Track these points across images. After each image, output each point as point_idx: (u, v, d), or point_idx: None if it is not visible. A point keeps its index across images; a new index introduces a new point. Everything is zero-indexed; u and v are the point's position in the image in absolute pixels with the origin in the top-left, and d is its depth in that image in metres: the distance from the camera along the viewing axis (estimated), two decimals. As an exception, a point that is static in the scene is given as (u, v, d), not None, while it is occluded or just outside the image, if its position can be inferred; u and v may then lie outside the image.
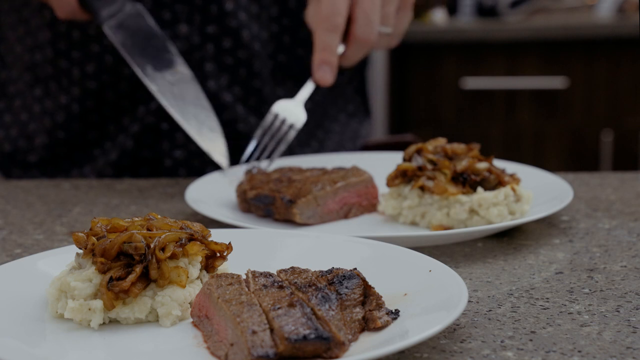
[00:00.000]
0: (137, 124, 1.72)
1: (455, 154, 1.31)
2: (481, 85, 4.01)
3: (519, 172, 1.40)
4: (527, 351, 0.86)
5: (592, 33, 3.92)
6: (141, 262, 0.93)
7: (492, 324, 0.93)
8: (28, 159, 1.79)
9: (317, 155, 1.66)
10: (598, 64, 3.93)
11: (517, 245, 1.21)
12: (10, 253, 1.22)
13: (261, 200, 1.32)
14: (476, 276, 1.09)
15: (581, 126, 3.98)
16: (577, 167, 3.97)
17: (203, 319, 0.90)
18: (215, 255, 0.99)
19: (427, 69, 4.06)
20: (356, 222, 1.34)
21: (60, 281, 0.94)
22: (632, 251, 1.18)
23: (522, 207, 1.28)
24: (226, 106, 1.72)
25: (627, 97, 3.94)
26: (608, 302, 0.99)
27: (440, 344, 0.88)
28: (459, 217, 1.25)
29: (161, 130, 1.72)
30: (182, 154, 1.73)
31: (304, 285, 0.89)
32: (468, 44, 4.00)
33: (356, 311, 0.88)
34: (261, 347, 0.79)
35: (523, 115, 4.00)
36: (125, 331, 0.92)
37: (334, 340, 0.80)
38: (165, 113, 1.68)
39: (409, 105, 4.09)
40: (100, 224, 0.98)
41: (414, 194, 1.29)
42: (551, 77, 3.95)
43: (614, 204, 1.41)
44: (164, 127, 1.71)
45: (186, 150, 1.73)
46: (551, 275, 1.09)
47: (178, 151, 1.73)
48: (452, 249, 1.20)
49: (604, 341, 0.88)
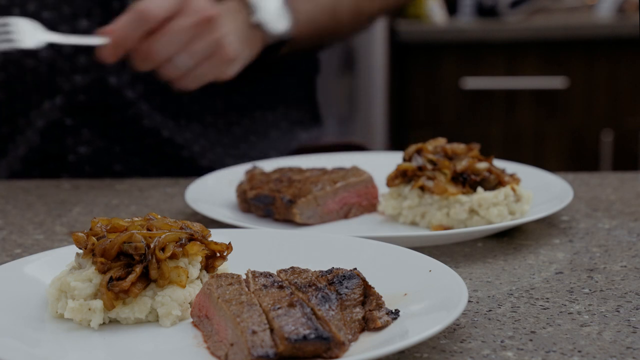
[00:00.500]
0: (42, 119, 1.73)
1: (455, 154, 1.31)
2: (481, 85, 4.01)
3: (519, 172, 1.40)
4: (527, 351, 0.86)
5: (592, 33, 3.92)
6: (141, 262, 0.93)
7: (492, 324, 0.93)
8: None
9: (317, 156, 1.66)
10: (598, 64, 3.93)
11: (517, 245, 1.21)
12: (10, 253, 1.22)
13: (261, 200, 1.32)
14: (476, 276, 1.09)
15: (581, 126, 3.98)
16: (577, 167, 3.97)
17: (203, 319, 0.90)
18: (215, 255, 0.99)
19: (427, 69, 4.05)
20: (356, 222, 1.34)
21: (60, 281, 0.94)
22: (632, 251, 1.18)
23: (522, 207, 1.28)
24: (130, 103, 1.72)
25: (627, 97, 3.94)
26: (608, 302, 0.99)
27: (440, 344, 0.88)
28: (459, 217, 1.25)
29: (66, 126, 1.72)
30: (86, 150, 1.74)
31: (304, 285, 0.89)
32: (468, 44, 4.00)
33: (356, 311, 0.88)
34: (261, 347, 0.79)
35: (523, 115, 4.00)
36: (125, 331, 0.92)
37: (334, 340, 0.80)
38: (70, 108, 1.70)
39: (409, 105, 4.09)
40: (100, 224, 0.98)
41: (414, 194, 1.29)
42: (551, 77, 3.95)
43: (614, 204, 1.41)
44: (68, 122, 1.72)
45: (91, 147, 1.74)
46: (551, 275, 1.09)
47: (82, 147, 1.74)
48: (452, 249, 1.20)
49: (604, 341, 0.88)
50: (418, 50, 4.03)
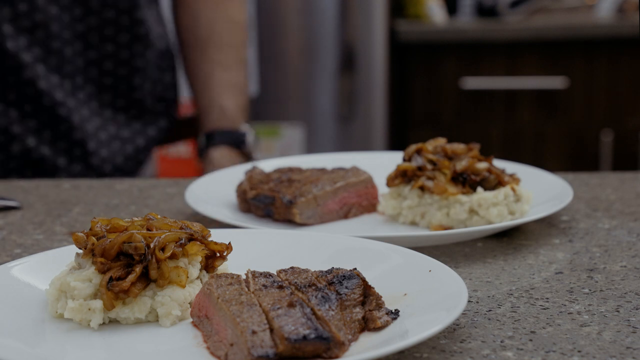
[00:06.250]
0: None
1: (455, 154, 1.31)
2: (481, 85, 4.00)
3: (519, 172, 1.40)
4: (527, 351, 0.86)
5: (592, 33, 3.92)
6: (141, 262, 0.93)
7: (492, 324, 0.93)
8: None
9: (317, 156, 1.66)
10: (598, 64, 3.93)
11: (517, 245, 1.21)
12: (10, 253, 1.22)
13: (261, 200, 1.32)
14: (476, 276, 1.09)
15: (581, 126, 3.98)
16: (577, 167, 3.97)
17: (203, 319, 0.90)
18: (215, 255, 0.99)
19: (427, 69, 4.05)
20: (356, 222, 1.34)
21: (60, 281, 0.94)
22: (632, 251, 1.18)
23: (522, 207, 1.28)
24: (26, 65, 1.78)
25: (627, 97, 3.94)
26: (608, 302, 0.99)
27: (440, 344, 0.88)
28: (459, 217, 1.25)
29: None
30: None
31: (303, 285, 0.89)
32: (468, 44, 4.00)
33: (356, 311, 0.88)
34: (261, 347, 0.79)
35: (523, 115, 4.00)
36: (125, 331, 0.92)
37: (334, 340, 0.80)
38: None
39: (409, 105, 4.09)
40: (100, 224, 0.98)
41: (413, 194, 1.29)
42: (551, 77, 3.95)
43: (614, 204, 1.41)
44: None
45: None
46: (551, 275, 1.09)
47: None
48: (452, 249, 1.20)
49: (604, 341, 0.88)
50: (418, 50, 4.03)
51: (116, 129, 1.93)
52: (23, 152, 1.83)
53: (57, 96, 1.82)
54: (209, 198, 1.39)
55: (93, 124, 1.88)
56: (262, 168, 1.46)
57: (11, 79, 1.79)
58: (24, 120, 1.81)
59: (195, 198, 1.35)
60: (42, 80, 1.80)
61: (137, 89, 1.95)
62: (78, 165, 1.88)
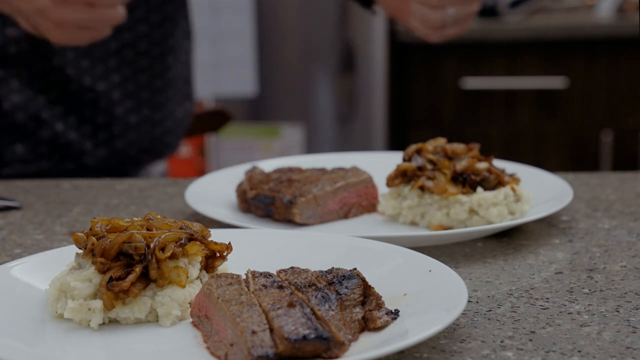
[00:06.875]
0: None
1: (455, 154, 1.31)
2: (481, 85, 4.00)
3: (519, 172, 1.40)
4: (527, 351, 0.86)
5: (592, 33, 3.91)
6: (141, 262, 0.93)
7: (492, 324, 0.93)
8: None
9: (317, 156, 1.66)
10: (598, 64, 3.93)
11: (517, 245, 1.21)
12: (10, 253, 1.22)
13: (261, 200, 1.32)
14: (476, 276, 1.09)
15: (581, 126, 3.98)
16: (577, 167, 3.96)
17: (203, 319, 0.90)
18: (215, 255, 0.99)
19: (427, 69, 4.05)
20: (356, 222, 1.34)
21: (60, 281, 0.94)
22: (632, 251, 1.18)
23: (522, 207, 1.28)
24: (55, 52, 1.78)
25: (627, 97, 3.94)
26: (608, 302, 0.99)
27: (440, 344, 0.88)
28: (459, 217, 1.25)
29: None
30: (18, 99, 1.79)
31: (303, 285, 0.89)
32: (468, 44, 3.99)
33: (356, 311, 0.88)
34: (261, 347, 0.79)
35: (523, 115, 4.00)
36: (125, 331, 0.92)
37: (334, 340, 0.80)
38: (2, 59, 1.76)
39: (409, 105, 4.09)
40: (100, 224, 0.98)
41: (413, 194, 1.29)
42: (551, 77, 3.95)
43: (614, 204, 1.41)
44: (1, 74, 1.77)
45: (21, 96, 1.79)
46: (551, 275, 1.09)
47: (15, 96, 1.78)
48: (452, 249, 1.20)
49: (604, 341, 0.88)
50: (418, 51, 4.03)
51: (149, 111, 1.93)
52: (52, 138, 1.84)
53: (85, 81, 1.82)
54: (209, 198, 1.39)
55: (123, 107, 1.88)
56: (262, 168, 1.46)
57: (39, 66, 1.79)
58: (51, 106, 1.82)
59: (195, 198, 1.35)
60: (70, 66, 1.80)
61: (171, 69, 1.96)
62: (102, 149, 1.89)
